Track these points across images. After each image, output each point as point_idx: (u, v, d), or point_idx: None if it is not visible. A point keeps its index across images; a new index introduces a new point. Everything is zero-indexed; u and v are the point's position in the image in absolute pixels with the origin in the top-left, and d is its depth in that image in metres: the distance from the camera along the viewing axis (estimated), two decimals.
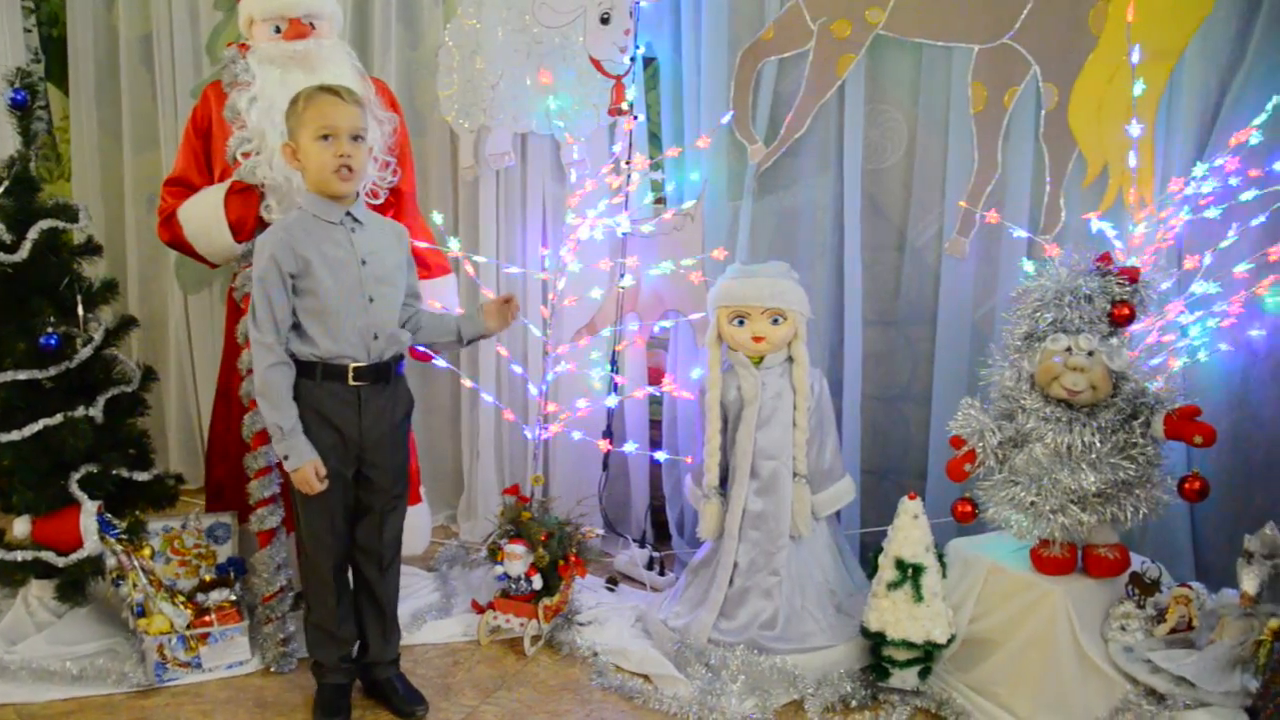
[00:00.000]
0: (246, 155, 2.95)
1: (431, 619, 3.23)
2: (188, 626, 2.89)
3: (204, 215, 3.02)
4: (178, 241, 3.09)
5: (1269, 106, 2.81)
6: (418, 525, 3.39)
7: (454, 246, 3.37)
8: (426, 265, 3.31)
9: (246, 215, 2.99)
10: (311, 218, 2.53)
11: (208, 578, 3.16)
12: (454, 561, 3.63)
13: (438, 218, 3.46)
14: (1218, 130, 2.96)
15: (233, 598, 3.04)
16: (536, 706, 2.80)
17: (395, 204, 3.23)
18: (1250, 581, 2.41)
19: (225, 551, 3.22)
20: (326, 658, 2.72)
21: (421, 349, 3.35)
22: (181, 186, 3.11)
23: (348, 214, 2.56)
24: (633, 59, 3.50)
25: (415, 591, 3.39)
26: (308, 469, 2.50)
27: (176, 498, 3.26)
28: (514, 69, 3.54)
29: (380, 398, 2.61)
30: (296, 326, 2.53)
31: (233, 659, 2.94)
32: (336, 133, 2.47)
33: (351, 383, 2.55)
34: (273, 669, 2.94)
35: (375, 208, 3.11)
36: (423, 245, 3.28)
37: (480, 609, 3.19)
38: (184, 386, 4.47)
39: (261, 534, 2.96)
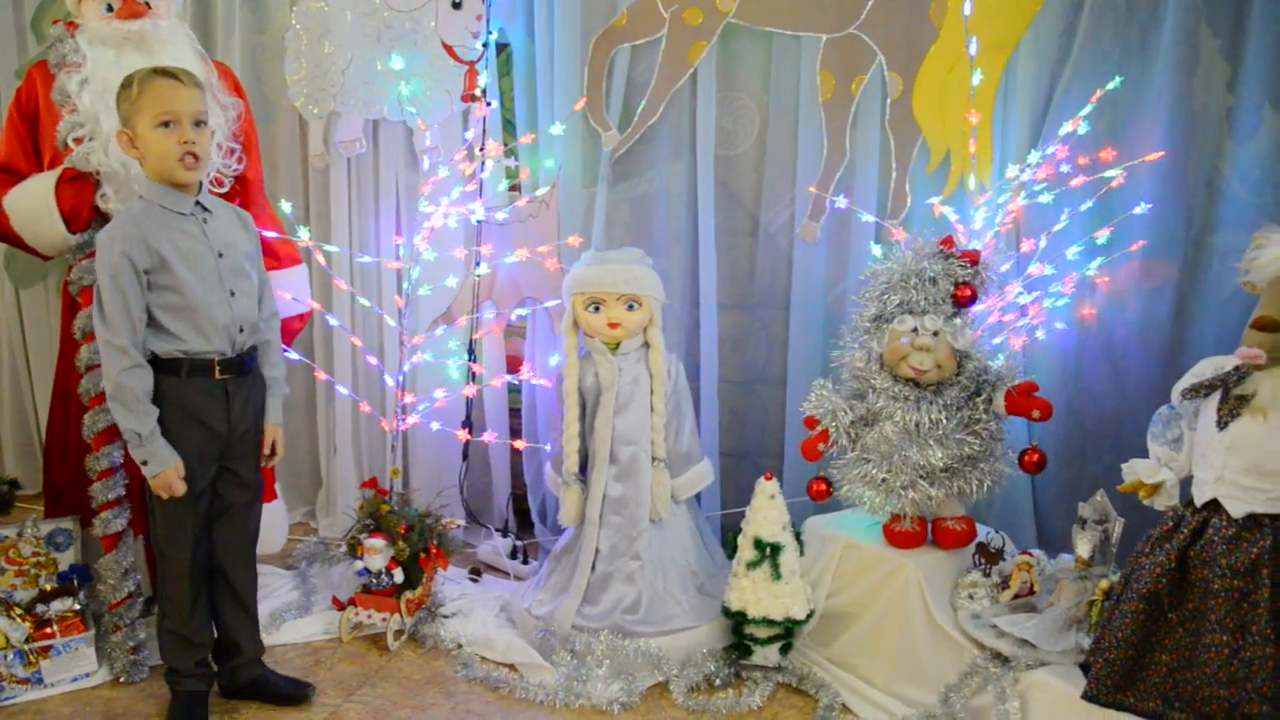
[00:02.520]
0: (79, 141, 2.81)
1: (291, 618, 3.15)
2: (26, 640, 2.75)
3: (33, 205, 2.86)
4: (3, 232, 2.93)
5: (1093, 99, 2.95)
6: (274, 523, 3.30)
7: (304, 236, 3.28)
8: (276, 256, 3.22)
9: (81, 205, 2.84)
10: (159, 209, 2.41)
11: (48, 587, 3.00)
12: (313, 558, 3.54)
13: (286, 207, 3.37)
14: (1049, 120, 3.10)
15: (76, 607, 2.91)
16: (401, 701, 2.76)
17: (241, 192, 3.12)
18: (1084, 546, 2.54)
19: (67, 559, 3.06)
20: (182, 664, 2.62)
21: None
22: (6, 174, 2.93)
23: (197, 203, 2.46)
24: (485, 44, 3.46)
25: (274, 590, 3.30)
26: (170, 474, 2.40)
27: (11, 504, 3.11)
28: (364, 53, 3.46)
29: (244, 389, 2.53)
30: (153, 324, 2.41)
31: (78, 671, 2.81)
32: (178, 118, 2.36)
33: (218, 377, 2.46)
34: (123, 679, 2.82)
35: (221, 197, 3.00)
36: (272, 235, 3.19)
37: (341, 606, 3.12)
38: (18, 387, 4.24)
39: (106, 538, 2.83)
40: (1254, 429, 2.07)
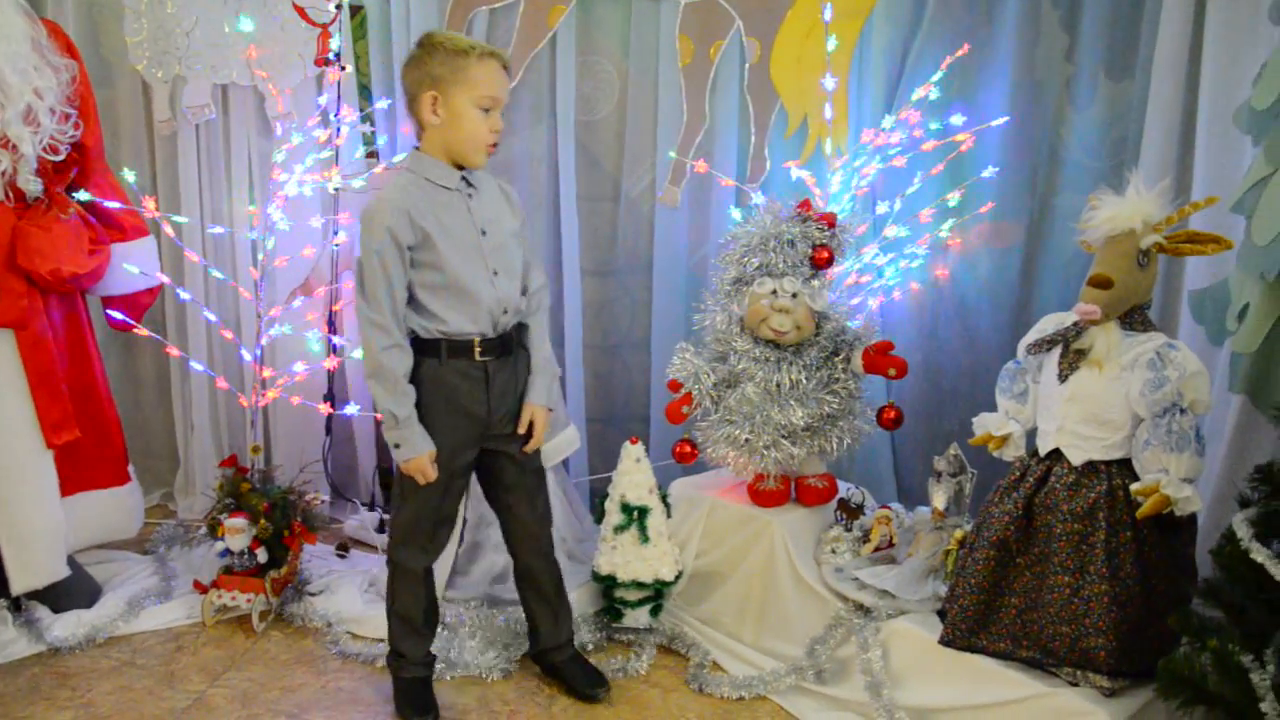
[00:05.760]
0: None
1: (151, 604, 3.03)
2: None
3: None
4: None
5: (943, 66, 3.03)
6: (128, 506, 3.18)
7: (150, 206, 3.14)
8: (121, 227, 3.08)
9: None
10: (425, 182, 2.29)
11: None
12: (172, 541, 3.43)
13: (130, 175, 3.22)
14: (903, 86, 3.17)
15: None
16: (269, 683, 2.70)
17: (80, 160, 2.97)
18: (939, 498, 2.64)
19: None
20: (409, 651, 2.56)
21: (119, 318, 3.13)
22: None
23: (463, 179, 2.34)
24: (339, 6, 3.36)
25: (132, 576, 3.19)
26: (424, 460, 2.32)
27: None
28: (210, 14, 3.33)
29: (505, 371, 2.42)
30: (414, 302, 2.32)
31: None
32: (496, 106, 2.30)
33: (479, 358, 2.36)
34: None
35: (58, 165, 2.86)
36: (115, 206, 3.05)
37: (203, 589, 3.03)
38: None
39: None
40: (1091, 381, 2.18)
